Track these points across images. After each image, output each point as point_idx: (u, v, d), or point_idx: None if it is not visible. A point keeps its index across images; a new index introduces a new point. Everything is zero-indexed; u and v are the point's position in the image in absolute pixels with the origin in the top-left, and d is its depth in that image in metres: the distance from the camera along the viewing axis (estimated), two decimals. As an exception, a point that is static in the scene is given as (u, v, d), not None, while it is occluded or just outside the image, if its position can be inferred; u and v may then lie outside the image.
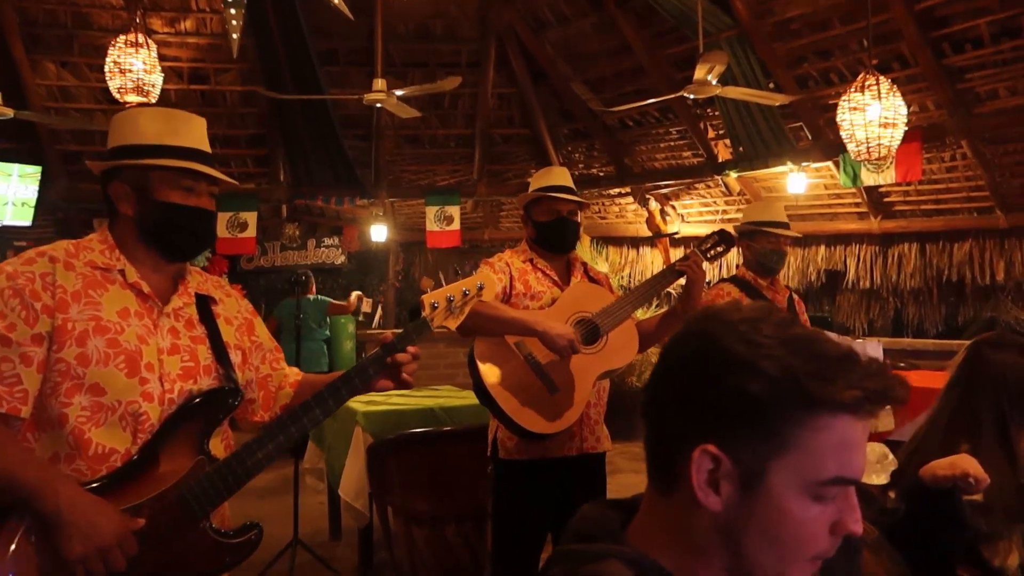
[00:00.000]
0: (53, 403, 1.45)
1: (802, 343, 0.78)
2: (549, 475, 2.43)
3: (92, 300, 1.49)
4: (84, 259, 1.53)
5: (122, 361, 1.48)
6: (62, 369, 1.45)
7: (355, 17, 6.76)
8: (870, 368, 0.78)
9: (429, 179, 8.46)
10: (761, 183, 7.43)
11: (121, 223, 1.58)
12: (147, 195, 1.56)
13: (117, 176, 1.57)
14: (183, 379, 1.55)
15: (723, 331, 0.79)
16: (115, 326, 1.49)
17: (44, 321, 1.44)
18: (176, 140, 1.57)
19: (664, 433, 0.82)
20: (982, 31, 5.32)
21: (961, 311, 6.99)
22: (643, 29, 6.74)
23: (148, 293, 1.55)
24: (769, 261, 3.28)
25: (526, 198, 2.62)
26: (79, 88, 7.25)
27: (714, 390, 0.77)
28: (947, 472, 1.61)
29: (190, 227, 1.59)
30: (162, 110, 1.63)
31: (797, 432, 0.75)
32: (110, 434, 1.47)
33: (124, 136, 1.58)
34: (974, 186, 6.33)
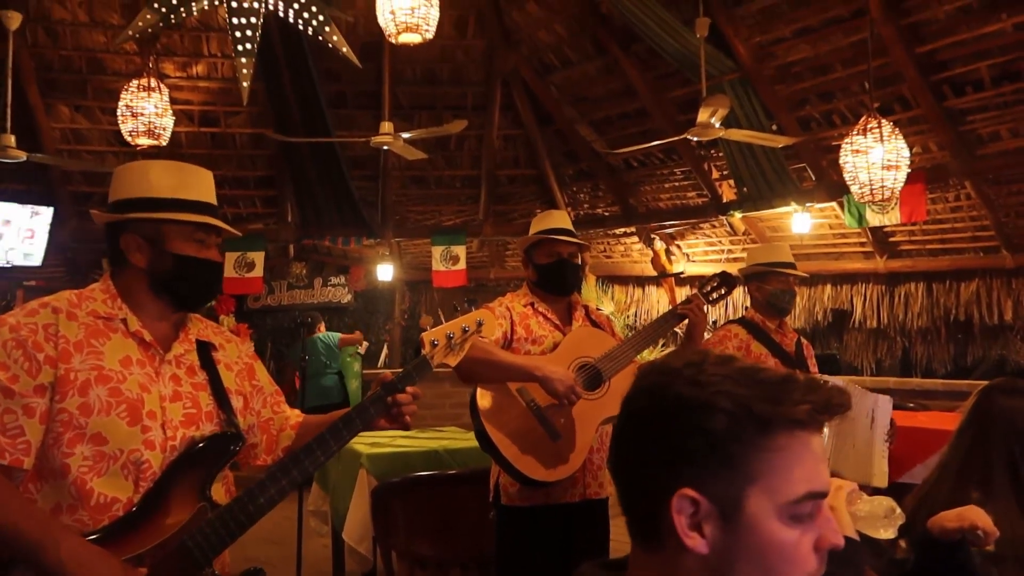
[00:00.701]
0: (55, 453, 1.45)
1: (745, 374, 0.82)
2: (552, 522, 2.41)
3: (94, 349, 1.50)
4: (86, 309, 1.54)
5: (124, 410, 1.49)
6: (64, 419, 1.45)
7: (363, 62, 6.90)
8: (811, 384, 0.83)
9: (435, 219, 8.53)
10: (766, 223, 7.46)
11: (129, 273, 1.59)
12: (160, 247, 1.58)
13: (129, 228, 1.59)
14: (185, 425, 1.55)
15: (670, 379, 0.83)
16: (117, 375, 1.50)
17: (47, 372, 1.45)
18: (189, 194, 1.60)
19: (638, 490, 0.85)
20: (983, 74, 5.38)
21: (970, 350, 6.94)
22: (647, 72, 6.83)
23: (150, 341, 1.57)
24: (780, 301, 3.28)
25: (526, 241, 2.63)
26: (91, 131, 7.37)
27: (676, 436, 0.80)
28: (956, 524, 1.59)
29: (202, 279, 1.62)
30: (172, 164, 1.66)
31: (760, 456, 0.79)
32: (112, 483, 1.47)
33: (135, 188, 1.60)
34: (979, 226, 6.34)
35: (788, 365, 3.22)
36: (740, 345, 3.21)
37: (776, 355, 3.22)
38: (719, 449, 0.79)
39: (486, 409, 2.31)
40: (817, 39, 5.82)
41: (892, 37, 5.34)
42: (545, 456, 2.29)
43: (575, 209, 8.49)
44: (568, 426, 2.33)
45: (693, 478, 0.79)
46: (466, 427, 4.15)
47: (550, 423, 2.29)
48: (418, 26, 4.22)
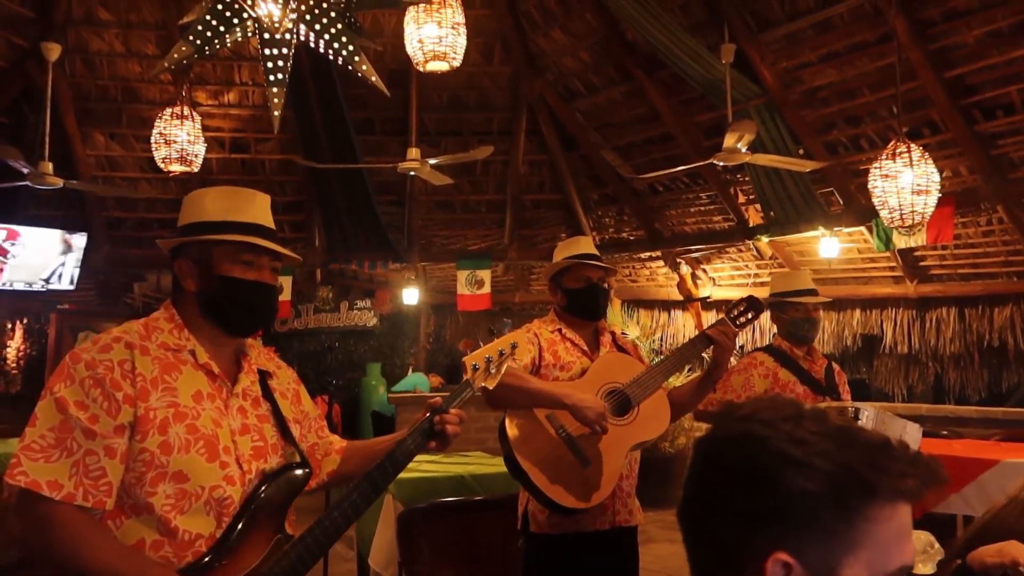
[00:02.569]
0: (138, 492, 1.45)
1: (845, 435, 0.78)
2: (581, 550, 2.38)
3: (169, 386, 1.50)
4: (156, 341, 1.54)
5: (202, 447, 1.49)
6: (146, 459, 1.45)
7: (391, 89, 6.99)
8: (911, 454, 0.79)
9: (460, 243, 8.57)
10: (793, 247, 7.41)
11: (186, 299, 1.60)
12: (208, 270, 1.57)
13: (182, 253, 1.60)
14: (256, 458, 1.56)
15: (767, 431, 0.78)
16: (192, 411, 1.50)
17: (126, 411, 1.44)
18: (238, 216, 1.59)
19: (724, 548, 0.79)
20: (1013, 98, 5.33)
21: (1005, 377, 6.82)
22: (671, 97, 6.85)
23: (218, 374, 1.57)
24: (800, 330, 3.25)
25: (556, 267, 2.63)
26: (125, 158, 7.53)
27: (774, 496, 0.75)
28: (996, 559, 1.56)
29: (248, 302, 1.59)
30: (227, 189, 1.66)
31: (861, 526, 0.75)
32: (195, 520, 1.47)
33: (190, 215, 1.61)
34: (1012, 250, 6.25)
35: (817, 392, 3.18)
36: (766, 373, 3.18)
37: (805, 382, 3.19)
38: (817, 514, 0.75)
39: (515, 436, 2.30)
40: (843, 64, 5.80)
41: (920, 62, 5.32)
42: (575, 484, 2.28)
43: (600, 233, 8.50)
44: (597, 453, 2.32)
45: (788, 541, 0.75)
46: (492, 452, 4.14)
47: (580, 450, 2.27)
48: (445, 54, 4.29)
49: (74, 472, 1.40)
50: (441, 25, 4.21)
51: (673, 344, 8.56)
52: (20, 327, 7.87)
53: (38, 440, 1.41)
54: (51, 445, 1.40)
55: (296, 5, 2.94)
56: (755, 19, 5.95)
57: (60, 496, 1.38)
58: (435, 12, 4.19)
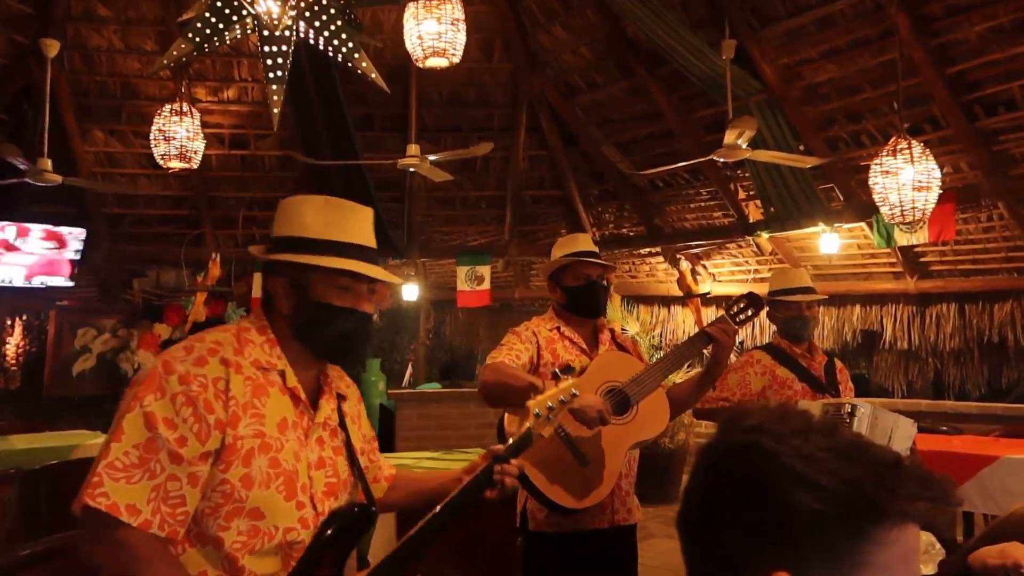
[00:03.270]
0: (211, 523, 1.38)
1: (855, 451, 0.75)
2: (580, 549, 2.39)
3: (258, 412, 1.42)
4: (249, 357, 1.45)
5: (281, 483, 1.41)
6: (226, 491, 1.37)
7: (391, 86, 6.98)
8: (920, 473, 0.76)
9: (460, 239, 8.57)
10: (793, 243, 7.40)
11: (277, 318, 1.51)
12: (304, 293, 1.49)
13: (276, 269, 1.51)
14: (328, 496, 1.50)
15: (775, 446, 0.75)
16: (276, 442, 1.42)
17: (215, 438, 1.36)
18: (338, 235, 1.49)
19: (724, 560, 0.77)
20: (1015, 94, 5.31)
21: (1004, 373, 6.81)
22: (672, 93, 6.84)
23: (303, 400, 1.49)
24: (792, 328, 3.25)
25: (555, 264, 2.63)
26: (124, 154, 7.52)
27: (778, 513, 0.73)
28: (998, 561, 1.57)
29: (344, 331, 1.51)
30: (329, 201, 1.54)
31: (868, 548, 0.72)
32: (264, 562, 1.40)
33: (287, 226, 1.51)
34: (1012, 246, 6.24)
35: (816, 390, 3.18)
36: (763, 371, 3.18)
37: (803, 380, 3.19)
38: (826, 534, 0.72)
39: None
40: (844, 60, 5.79)
41: (921, 58, 5.30)
42: (574, 483, 2.28)
43: (600, 229, 8.49)
44: (597, 452, 2.32)
45: (791, 560, 0.72)
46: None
47: (578, 450, 2.27)
48: (445, 50, 4.28)
49: (153, 497, 1.31)
50: (441, 21, 4.20)
51: (673, 340, 8.56)
52: (19, 324, 7.87)
53: (122, 458, 1.31)
54: (134, 464, 1.31)
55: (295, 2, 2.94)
56: (756, 15, 5.93)
57: (137, 523, 1.29)
58: (435, 8, 4.18)
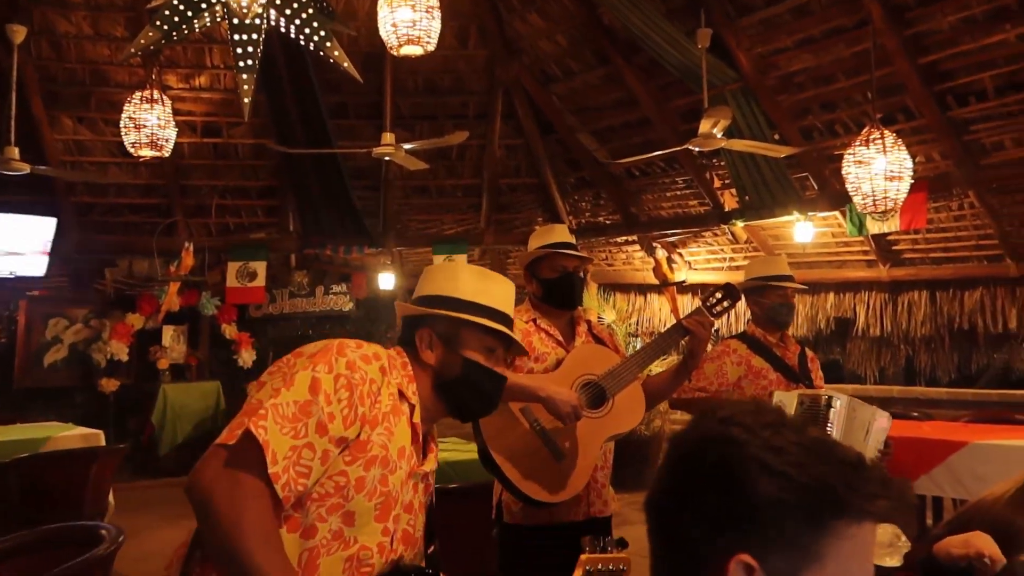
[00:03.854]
0: (313, 510, 1.40)
1: (823, 448, 0.78)
2: (556, 541, 2.38)
3: (389, 427, 1.47)
4: (394, 379, 1.52)
5: (381, 502, 1.45)
6: (340, 483, 1.41)
7: (365, 73, 6.90)
8: (880, 474, 0.79)
9: (437, 228, 8.53)
10: (768, 232, 7.45)
11: (418, 366, 1.58)
12: (453, 348, 1.57)
13: (427, 323, 1.59)
14: (403, 542, 1.51)
15: (746, 436, 0.78)
16: (393, 463, 1.47)
17: (355, 428, 1.42)
18: (491, 301, 1.60)
19: (689, 544, 0.80)
20: (986, 84, 5.37)
21: (974, 359, 6.93)
22: (649, 82, 6.83)
23: (419, 442, 1.55)
24: (778, 315, 3.26)
25: (531, 255, 2.62)
26: (94, 142, 7.39)
27: (744, 500, 0.76)
28: (962, 551, 1.59)
29: (486, 388, 1.60)
30: (480, 270, 1.67)
31: (827, 540, 0.76)
32: (331, 570, 1.41)
33: (440, 287, 1.61)
34: (983, 235, 6.33)
35: (791, 379, 3.20)
36: (739, 361, 3.19)
37: (778, 369, 3.21)
38: (789, 523, 0.75)
39: (489, 429, 2.29)
40: (819, 49, 5.82)
41: (895, 48, 5.34)
42: (549, 476, 2.28)
43: (577, 217, 8.49)
44: (572, 445, 2.32)
45: (753, 545, 0.75)
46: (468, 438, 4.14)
47: (554, 443, 2.27)
48: (419, 38, 4.23)
49: (290, 455, 1.34)
50: (415, 9, 4.14)
51: (649, 328, 8.60)
52: (-12, 314, 7.74)
53: (285, 406, 1.36)
54: (289, 418, 1.35)
55: (265, -10, 2.89)
56: (732, 4, 5.94)
57: (272, 470, 1.31)
58: (409, -5, 4.13)
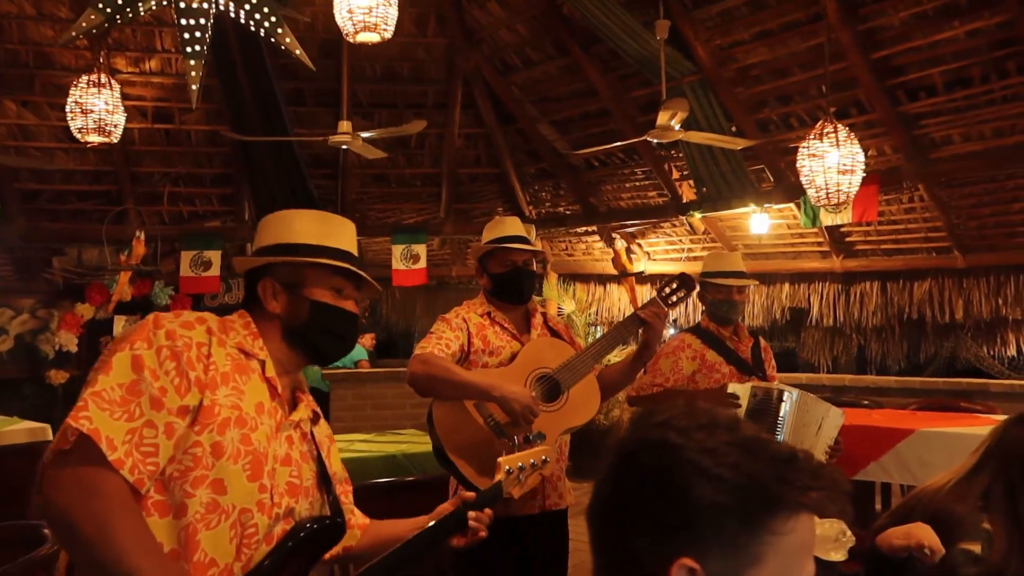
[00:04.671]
0: (177, 488, 1.35)
1: (755, 446, 0.79)
2: (511, 535, 2.38)
3: (237, 387, 1.43)
4: (233, 339, 1.48)
5: (249, 462, 1.41)
6: (197, 454, 1.36)
7: (322, 60, 6.79)
8: (812, 465, 0.80)
9: (396, 217, 8.45)
10: (725, 223, 7.53)
11: (265, 320, 1.54)
12: (299, 293, 1.54)
13: (268, 273, 1.55)
14: (288, 494, 1.48)
15: (681, 441, 0.79)
16: (252, 421, 1.43)
17: (194, 394, 1.37)
18: (331, 241, 1.58)
19: (630, 551, 0.80)
20: (936, 80, 5.48)
21: (923, 348, 7.10)
22: (608, 73, 6.84)
23: (280, 395, 1.51)
24: (720, 311, 3.29)
25: (480, 250, 2.60)
26: (39, 127, 7.15)
27: (682, 505, 0.77)
28: (903, 542, 1.62)
29: (339, 329, 1.58)
30: (318, 213, 1.64)
31: (766, 538, 0.77)
32: (217, 542, 1.37)
33: (277, 235, 1.58)
34: (932, 227, 6.47)
35: (744, 372, 3.24)
36: (694, 355, 3.21)
37: (731, 362, 3.24)
38: (726, 526, 0.76)
39: (443, 426, 2.28)
40: (775, 43, 5.87)
41: (848, 42, 5.41)
42: (504, 472, 2.27)
43: (537, 208, 8.48)
44: (526, 440, 2.31)
45: (694, 550, 0.76)
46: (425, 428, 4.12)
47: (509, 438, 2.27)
48: (376, 25, 4.15)
49: (128, 439, 1.29)
50: (372, -5, 4.07)
51: (608, 318, 8.65)
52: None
53: (108, 391, 1.30)
54: (116, 402, 1.30)
55: (214, -27, 2.81)
56: (690, -4, 5.96)
57: (112, 457, 1.27)
58: (365, -18, 4.05)
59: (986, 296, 6.45)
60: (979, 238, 6.34)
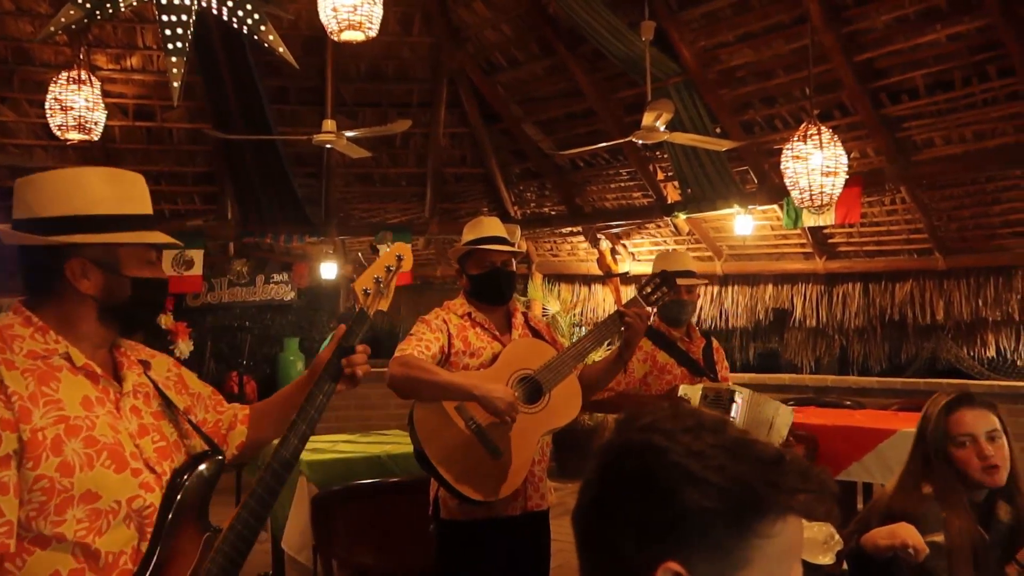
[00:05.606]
0: (42, 524, 1.29)
1: (742, 448, 0.78)
2: (493, 536, 2.38)
3: (51, 398, 1.32)
4: (21, 351, 1.35)
5: (106, 458, 1.34)
6: (45, 487, 1.28)
7: (306, 58, 6.74)
8: (800, 466, 0.79)
9: (380, 217, 8.41)
10: (709, 224, 7.56)
11: (69, 300, 1.41)
12: (117, 272, 1.44)
13: (75, 252, 1.40)
14: (163, 459, 1.44)
15: (667, 444, 0.78)
16: (85, 422, 1.35)
17: (9, 439, 1.26)
18: (133, 206, 1.46)
19: (616, 555, 0.79)
20: (918, 83, 5.52)
21: (904, 349, 7.16)
22: (593, 73, 6.83)
23: (101, 375, 1.42)
24: (671, 312, 3.27)
25: (458, 251, 2.58)
26: (18, 124, 7.06)
27: (668, 509, 0.76)
28: (887, 542, 1.63)
29: (159, 298, 1.53)
30: (109, 172, 1.49)
31: (753, 542, 0.76)
32: (116, 537, 1.34)
33: (73, 203, 1.40)
34: (913, 229, 6.52)
35: (695, 373, 3.22)
36: (645, 357, 3.18)
37: (683, 364, 3.21)
38: (713, 529, 0.75)
39: (424, 429, 2.26)
40: (760, 44, 5.89)
41: (832, 45, 5.44)
42: (486, 475, 2.26)
43: (522, 208, 8.47)
44: (508, 442, 2.30)
45: (681, 553, 0.75)
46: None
47: (490, 441, 2.25)
48: (361, 24, 4.12)
49: None
50: (356, -7, 4.04)
51: (593, 318, 8.66)
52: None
53: None
54: None
55: (195, -31, 2.78)
56: (675, -3, 5.97)
57: None
58: (350, -20, 4.02)
59: (966, 297, 6.51)
60: (960, 240, 6.40)
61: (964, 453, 1.86)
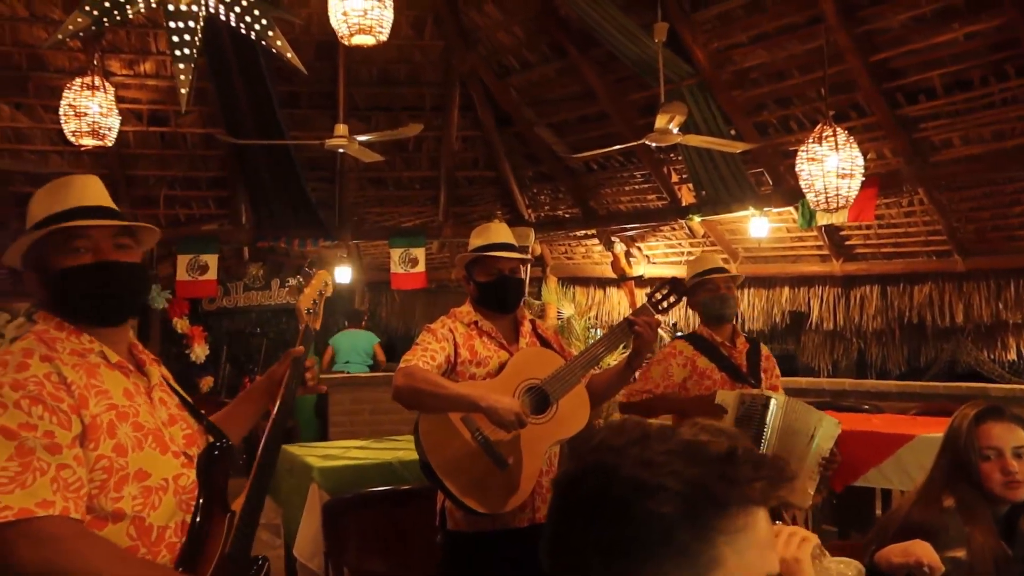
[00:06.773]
0: (104, 502, 1.39)
1: (693, 450, 0.78)
2: (499, 548, 2.34)
3: (100, 388, 1.44)
4: (65, 349, 1.46)
5: (152, 441, 1.47)
6: (105, 466, 1.39)
7: (318, 62, 6.76)
8: (753, 456, 0.79)
9: (394, 220, 8.42)
10: (724, 226, 7.49)
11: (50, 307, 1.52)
12: (44, 270, 1.49)
13: (26, 266, 1.52)
14: (190, 445, 1.56)
15: (618, 460, 0.78)
16: (130, 409, 1.47)
17: (76, 422, 1.38)
18: (60, 206, 1.50)
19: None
20: (935, 83, 5.43)
21: (923, 352, 7.07)
22: (606, 75, 6.80)
23: (133, 370, 1.54)
24: (713, 309, 3.25)
25: (465, 259, 2.55)
26: (33, 130, 7.11)
27: (628, 524, 0.75)
28: (902, 560, 1.61)
29: (92, 286, 1.48)
30: (52, 184, 1.56)
31: (719, 540, 0.75)
32: (166, 513, 1.46)
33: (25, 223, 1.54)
34: (932, 230, 6.43)
35: (736, 379, 3.19)
36: (685, 362, 3.17)
37: (724, 369, 3.19)
38: (676, 536, 0.74)
39: (430, 440, 2.23)
40: (773, 45, 5.83)
41: (847, 45, 5.37)
42: (493, 487, 2.22)
43: (536, 211, 8.45)
44: (516, 453, 2.27)
45: (649, 566, 0.75)
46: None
47: (497, 452, 2.22)
48: (371, 28, 4.11)
49: (56, 488, 1.32)
50: (367, -3, 4.03)
51: (608, 321, 8.62)
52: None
53: (2, 471, 1.30)
54: (19, 472, 1.30)
55: (202, -23, 2.77)
56: (688, -2, 5.92)
57: (57, 511, 1.30)
58: (359, -16, 4.01)
59: (986, 300, 6.41)
60: (979, 241, 6.30)
61: (988, 466, 1.84)
